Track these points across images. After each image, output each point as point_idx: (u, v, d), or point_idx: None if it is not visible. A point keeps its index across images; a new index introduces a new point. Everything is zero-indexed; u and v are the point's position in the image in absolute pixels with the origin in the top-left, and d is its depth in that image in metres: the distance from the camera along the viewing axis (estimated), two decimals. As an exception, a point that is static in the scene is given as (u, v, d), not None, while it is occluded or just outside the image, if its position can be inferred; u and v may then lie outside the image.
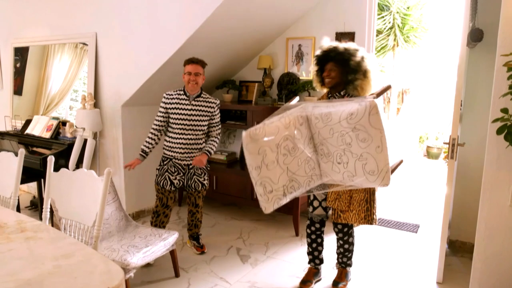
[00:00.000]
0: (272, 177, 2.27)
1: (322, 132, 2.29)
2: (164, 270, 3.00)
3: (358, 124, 2.10)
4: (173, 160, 3.04)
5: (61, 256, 1.65)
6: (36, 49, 4.46)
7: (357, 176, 2.18)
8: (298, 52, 4.01)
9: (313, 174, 2.37)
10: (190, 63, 2.96)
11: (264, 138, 2.29)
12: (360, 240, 3.64)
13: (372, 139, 2.08)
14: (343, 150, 2.21)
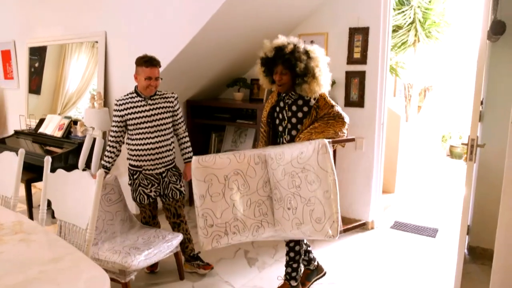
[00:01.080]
0: (215, 210, 2.23)
1: (275, 174, 2.25)
2: (169, 272, 2.95)
3: (307, 164, 2.02)
4: (142, 172, 2.79)
5: (49, 260, 1.60)
6: (53, 48, 4.48)
7: (304, 223, 2.09)
8: (310, 49, 3.87)
9: (263, 220, 2.28)
10: (149, 66, 2.65)
11: (212, 165, 2.28)
12: (374, 244, 3.49)
13: (321, 181, 1.99)
14: (293, 194, 2.14)
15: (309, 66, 2.31)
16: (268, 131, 2.60)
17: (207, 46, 3.43)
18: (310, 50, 2.36)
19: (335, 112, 2.40)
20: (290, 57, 2.30)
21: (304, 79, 2.32)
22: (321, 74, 2.35)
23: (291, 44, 2.35)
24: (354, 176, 3.81)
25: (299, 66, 2.29)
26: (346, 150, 3.81)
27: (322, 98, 2.42)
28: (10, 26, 4.89)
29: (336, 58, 3.71)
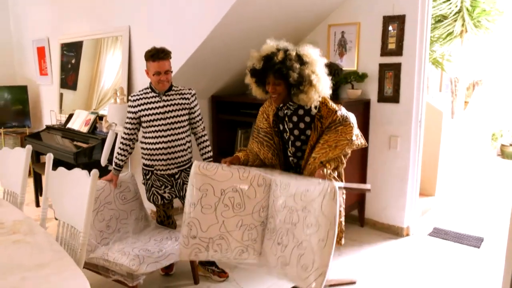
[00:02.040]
0: (202, 222, 2.11)
1: (276, 203, 2.08)
2: (184, 275, 2.82)
3: (309, 205, 1.88)
4: (155, 172, 2.68)
5: (35, 266, 1.50)
6: (89, 44, 4.48)
7: (290, 266, 1.93)
8: (341, 40, 3.61)
9: (250, 246, 2.12)
10: (156, 60, 2.47)
11: (212, 176, 2.15)
12: (409, 253, 3.19)
13: (319, 228, 1.83)
14: (287, 230, 1.96)
15: (304, 73, 2.05)
16: (278, 141, 2.34)
17: (229, 38, 3.26)
18: (303, 54, 2.10)
19: (341, 117, 2.16)
20: (281, 67, 2.04)
21: (300, 88, 2.06)
22: (319, 79, 2.09)
23: (281, 51, 2.10)
24: (387, 177, 3.51)
25: (292, 76, 2.03)
26: (378, 149, 3.52)
27: (324, 105, 2.18)
28: (44, 23, 4.98)
29: (368, 50, 3.43)
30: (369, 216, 3.67)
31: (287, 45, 2.15)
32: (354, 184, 2.16)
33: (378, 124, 3.48)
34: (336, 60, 3.65)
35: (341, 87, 3.60)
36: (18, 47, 5.67)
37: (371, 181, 3.61)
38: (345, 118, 2.17)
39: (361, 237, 3.46)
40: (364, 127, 3.52)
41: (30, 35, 5.31)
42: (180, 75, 3.44)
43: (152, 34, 3.55)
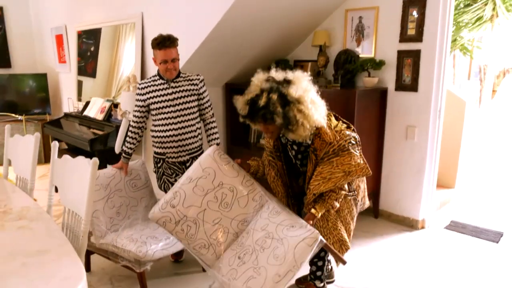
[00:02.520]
0: (188, 199, 2.11)
1: (258, 222, 2.11)
2: (193, 262, 2.81)
3: (286, 239, 1.91)
4: (166, 160, 2.69)
5: (36, 252, 1.52)
6: (107, 31, 4.48)
7: (237, 281, 1.96)
8: (358, 26, 3.48)
9: (213, 245, 2.13)
10: (162, 48, 2.43)
11: (221, 166, 2.17)
12: (423, 246, 3.10)
13: (282, 263, 1.86)
14: (253, 251, 1.99)
15: (289, 115, 1.93)
16: (281, 165, 2.30)
17: (241, 24, 3.19)
18: (286, 92, 1.94)
19: (337, 147, 2.05)
20: (265, 113, 1.95)
21: (289, 127, 1.98)
22: (307, 116, 1.96)
23: (264, 93, 1.96)
24: (403, 168, 3.40)
25: (276, 121, 1.95)
26: (395, 139, 3.41)
27: (317, 137, 2.08)
28: (62, 11, 5.03)
29: (387, 36, 3.30)
30: (384, 208, 3.58)
31: (271, 83, 2.01)
32: (334, 250, 2.11)
33: (395, 113, 3.36)
34: (353, 47, 3.53)
35: (358, 75, 3.49)
36: (38, 36, 5.76)
37: (386, 172, 3.51)
38: (342, 147, 2.04)
39: (374, 228, 3.38)
40: (381, 116, 3.41)
41: (48, 23, 5.38)
42: (193, 62, 3.41)
43: (164, 20, 3.52)
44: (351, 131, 2.14)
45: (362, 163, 2.06)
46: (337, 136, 2.06)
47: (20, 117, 5.26)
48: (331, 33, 3.67)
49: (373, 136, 3.39)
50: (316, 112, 1.97)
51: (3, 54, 5.68)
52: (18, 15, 5.69)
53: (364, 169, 2.06)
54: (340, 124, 2.15)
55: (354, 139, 2.10)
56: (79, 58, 4.96)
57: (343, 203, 2.19)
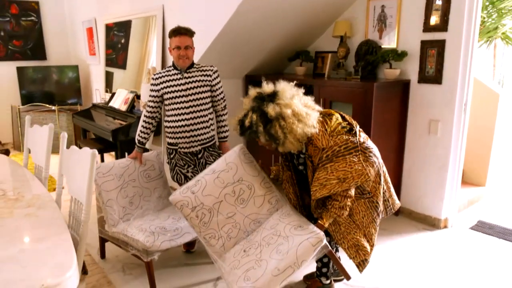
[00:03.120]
0: (208, 188, 2.20)
1: (270, 222, 2.19)
2: (205, 253, 2.84)
3: (291, 237, 1.98)
4: (178, 150, 2.70)
5: (36, 239, 1.58)
6: (138, 23, 4.53)
7: (238, 270, 1.99)
8: (380, 15, 3.34)
9: (222, 238, 2.17)
10: (177, 35, 2.51)
11: (243, 163, 2.29)
12: (444, 246, 2.96)
13: (283, 258, 1.90)
14: (259, 245, 2.06)
15: (272, 132, 1.97)
16: (289, 175, 2.33)
17: (259, 14, 3.14)
18: (266, 111, 1.95)
19: (329, 153, 2.00)
20: (250, 132, 2.02)
21: (276, 142, 1.99)
22: (291, 129, 1.95)
23: (249, 112, 2.02)
24: (426, 164, 3.26)
25: (261, 139, 2.03)
26: (417, 134, 3.27)
27: (310, 144, 2.04)
28: (92, 4, 5.18)
29: (410, 25, 3.15)
30: (405, 205, 3.45)
31: (264, 91, 2.03)
32: (338, 261, 2.11)
33: (418, 106, 3.21)
34: (375, 37, 3.40)
35: (379, 66, 3.36)
36: (71, 29, 5.98)
37: (408, 168, 3.37)
38: (336, 153, 1.99)
39: (392, 226, 3.27)
40: (402, 110, 3.27)
41: (80, 16, 5.56)
42: (211, 52, 3.41)
43: (184, 11, 3.54)
44: (350, 135, 2.04)
45: (360, 168, 1.98)
46: (331, 142, 2.01)
47: (54, 107, 5.50)
48: (353, 23, 3.55)
49: (394, 130, 3.26)
50: (301, 123, 1.96)
51: (39, 47, 5.94)
52: (53, 9, 5.92)
53: (363, 174, 1.98)
54: (340, 128, 2.06)
55: (352, 143, 2.01)
56: (110, 50, 5.10)
57: (356, 206, 2.12)
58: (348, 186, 1.98)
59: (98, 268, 2.69)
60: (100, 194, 2.63)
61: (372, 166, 2.04)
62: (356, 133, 2.05)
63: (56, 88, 5.78)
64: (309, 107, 2.04)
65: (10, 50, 5.71)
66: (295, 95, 2.02)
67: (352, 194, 2.04)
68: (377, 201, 2.14)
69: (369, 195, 2.13)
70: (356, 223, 2.12)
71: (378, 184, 2.13)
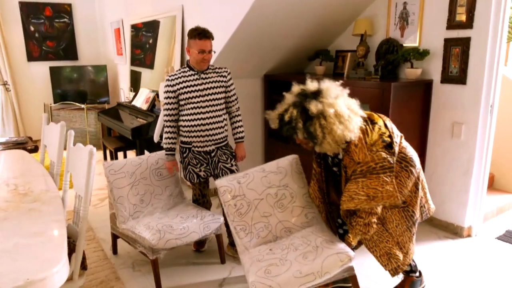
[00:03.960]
0: (254, 182, 2.31)
1: (302, 233, 2.23)
2: (214, 253, 2.85)
3: (320, 248, 2.01)
4: (192, 149, 2.69)
5: (32, 233, 1.62)
6: (166, 22, 4.55)
7: (260, 265, 2.00)
8: (402, 13, 3.20)
9: (252, 233, 2.24)
10: (202, 38, 2.49)
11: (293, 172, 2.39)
12: (466, 256, 2.80)
13: (308, 265, 1.93)
14: (287, 247, 2.11)
15: (310, 130, 1.91)
16: (320, 172, 2.29)
17: (275, 11, 3.08)
18: (308, 107, 1.89)
19: (364, 168, 1.93)
20: (288, 128, 1.96)
21: (314, 141, 1.93)
22: (331, 131, 1.88)
23: (290, 108, 1.95)
24: (448, 169, 3.09)
25: (298, 136, 1.97)
26: (439, 137, 3.11)
27: (346, 154, 1.97)
28: (119, 5, 5.31)
29: (433, 23, 3.00)
30: (426, 211, 3.28)
31: (308, 88, 1.98)
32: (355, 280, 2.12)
33: (440, 108, 3.06)
34: (397, 36, 3.27)
35: (400, 66, 3.23)
36: (101, 30, 6.16)
37: (429, 173, 3.21)
38: (371, 170, 1.91)
39: (412, 233, 3.12)
40: (424, 111, 3.12)
41: (109, 17, 5.72)
42: (229, 51, 3.39)
43: (202, 11, 3.55)
44: (389, 152, 1.95)
45: (391, 190, 1.91)
46: (368, 157, 1.93)
47: (83, 106, 5.69)
48: (374, 21, 3.43)
49: (414, 132, 3.11)
50: (342, 125, 1.88)
51: (71, 47, 6.16)
52: (84, 11, 6.13)
53: (392, 197, 1.91)
54: (380, 141, 1.96)
55: (389, 163, 1.93)
56: (139, 50, 5.20)
57: (390, 215, 2.05)
58: (376, 205, 1.93)
59: (108, 263, 2.74)
60: (111, 191, 2.68)
61: (408, 177, 2.00)
62: (395, 152, 1.97)
63: (86, 87, 5.98)
64: (352, 110, 1.96)
65: (44, 51, 5.96)
66: (339, 95, 1.96)
67: (378, 211, 1.98)
68: (413, 210, 2.06)
69: (404, 204, 2.05)
70: (389, 231, 2.05)
71: (415, 193, 2.05)
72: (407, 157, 2.03)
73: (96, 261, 2.76)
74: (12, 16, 5.63)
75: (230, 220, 2.25)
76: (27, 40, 5.80)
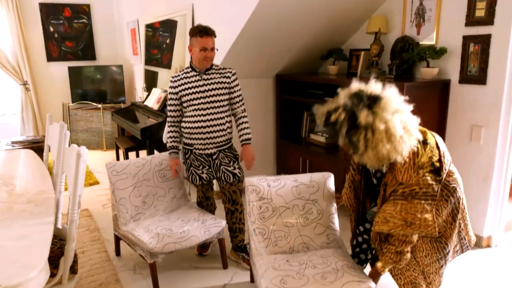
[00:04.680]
0: (283, 190, 2.28)
1: (321, 252, 2.15)
2: (217, 258, 2.77)
3: (341, 272, 1.93)
4: (193, 151, 2.62)
5: (19, 236, 1.60)
6: (183, 22, 4.47)
7: (276, 273, 1.94)
8: (419, 9, 3.04)
9: (270, 240, 2.20)
10: (204, 35, 2.40)
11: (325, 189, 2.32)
12: (487, 268, 2.62)
13: (326, 285, 1.84)
14: (304, 263, 2.03)
15: (353, 140, 1.73)
16: (359, 179, 2.14)
17: (283, 8, 2.98)
18: (358, 115, 1.70)
19: (406, 191, 1.76)
20: (331, 130, 1.81)
21: (354, 151, 1.78)
22: (375, 147, 1.69)
23: (339, 110, 1.76)
24: (466, 175, 2.90)
25: (340, 141, 1.80)
26: (457, 140, 2.93)
27: (390, 173, 1.80)
28: (135, 6, 5.33)
29: (451, 19, 2.84)
30: (442, 218, 3.11)
31: (367, 90, 1.78)
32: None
33: (458, 110, 2.88)
34: (413, 33, 3.11)
35: (416, 65, 3.07)
36: (119, 30, 6.21)
37: (446, 178, 3.04)
38: (414, 194, 1.75)
39: (426, 241, 2.95)
40: (441, 113, 2.95)
41: (126, 18, 5.75)
42: (238, 50, 3.31)
43: (211, 9, 3.49)
44: (436, 180, 1.78)
45: (430, 219, 1.74)
46: (413, 179, 1.76)
47: (99, 105, 5.74)
48: (389, 18, 3.28)
49: (430, 135, 2.95)
50: (390, 145, 1.68)
51: (90, 47, 6.24)
52: (102, 12, 6.20)
53: (430, 227, 1.75)
54: (429, 165, 1.78)
55: (433, 190, 1.77)
56: (156, 50, 5.19)
57: (421, 244, 1.89)
58: (411, 233, 1.77)
59: (110, 265, 2.71)
60: (113, 192, 2.65)
61: (446, 207, 1.84)
62: (441, 180, 1.81)
63: (103, 86, 6.04)
64: (408, 131, 1.73)
65: (63, 51, 6.05)
66: (398, 111, 1.73)
67: (414, 240, 1.81)
68: (446, 242, 1.89)
69: (439, 235, 1.88)
70: (416, 259, 1.91)
71: (450, 224, 1.88)
72: (450, 186, 1.83)
73: (98, 262, 2.74)
74: (33, 17, 5.74)
75: (251, 221, 2.20)
76: (47, 40, 5.91)
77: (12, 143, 4.50)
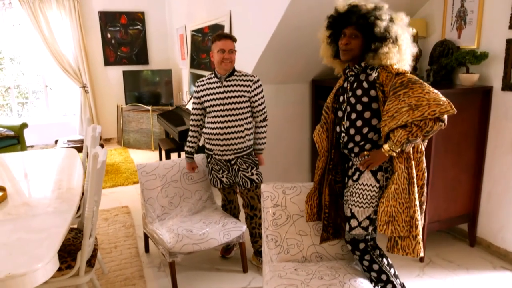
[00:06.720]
0: (298, 198, 2.23)
1: (332, 263, 2.12)
2: (238, 262, 2.81)
3: (347, 285, 1.89)
4: (213, 156, 2.66)
5: (37, 229, 1.73)
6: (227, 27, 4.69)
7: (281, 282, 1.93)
8: (460, 11, 2.86)
9: (282, 247, 2.18)
10: (221, 39, 2.48)
11: None
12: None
13: None
14: (312, 273, 1.99)
15: (391, 29, 1.78)
16: (332, 119, 2.08)
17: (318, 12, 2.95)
18: (395, 17, 1.82)
19: (405, 80, 1.73)
20: (367, 14, 1.78)
21: (383, 43, 1.77)
22: (404, 43, 1.80)
23: (371, 3, 1.82)
24: (508, 190, 2.68)
25: (379, 26, 1.76)
26: (499, 152, 2.71)
27: (384, 70, 1.80)
28: (183, 12, 5.55)
29: (494, 21, 2.65)
30: (482, 236, 2.89)
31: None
32: None
33: (501, 119, 2.67)
34: (453, 37, 2.93)
35: (456, 71, 2.88)
36: (170, 36, 6.50)
37: (487, 192, 2.82)
38: (414, 80, 1.72)
39: (462, 259, 2.76)
40: (481, 122, 2.75)
41: (176, 24, 6.01)
42: (271, 55, 3.33)
43: (248, 15, 3.54)
44: None
45: (438, 98, 1.65)
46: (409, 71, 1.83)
47: (149, 107, 6.05)
48: (429, 21, 3.11)
49: (468, 146, 2.76)
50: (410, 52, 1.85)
51: (143, 52, 6.60)
52: (156, 18, 6.53)
53: (443, 105, 1.62)
54: None
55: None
56: (204, 55, 5.36)
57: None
58: (420, 116, 1.64)
59: (138, 261, 2.85)
60: (142, 192, 2.78)
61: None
62: None
63: (154, 89, 6.36)
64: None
65: (118, 56, 6.46)
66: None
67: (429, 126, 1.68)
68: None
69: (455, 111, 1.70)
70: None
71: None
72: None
73: (128, 258, 2.90)
74: (93, 24, 6.20)
75: (264, 227, 2.21)
76: (104, 46, 6.34)
77: (68, 141, 4.89)
